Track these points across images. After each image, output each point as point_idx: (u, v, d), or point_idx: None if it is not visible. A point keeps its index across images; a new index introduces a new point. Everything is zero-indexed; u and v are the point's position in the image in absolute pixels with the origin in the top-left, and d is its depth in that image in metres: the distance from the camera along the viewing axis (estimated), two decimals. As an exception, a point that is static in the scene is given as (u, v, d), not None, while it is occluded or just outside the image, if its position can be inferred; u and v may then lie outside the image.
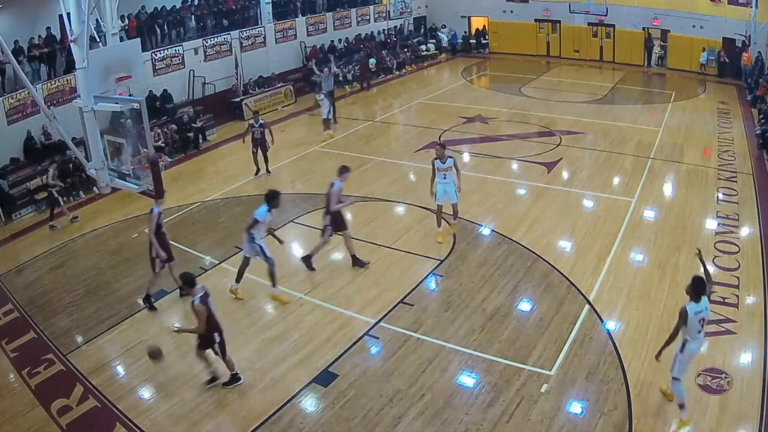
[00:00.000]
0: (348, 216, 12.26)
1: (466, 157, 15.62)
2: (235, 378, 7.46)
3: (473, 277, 9.62)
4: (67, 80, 14.98)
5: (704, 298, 6.17)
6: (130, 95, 12.68)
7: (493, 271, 9.78)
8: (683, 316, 6.14)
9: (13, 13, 14.94)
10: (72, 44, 7.89)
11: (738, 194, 12.27)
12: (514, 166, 14.53)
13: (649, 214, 11.61)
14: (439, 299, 9.17)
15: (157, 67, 17.79)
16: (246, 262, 9.20)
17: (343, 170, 9.93)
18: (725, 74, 22.73)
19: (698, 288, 6.12)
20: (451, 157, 10.38)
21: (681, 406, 6.38)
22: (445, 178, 10.33)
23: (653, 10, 24.42)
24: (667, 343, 6.38)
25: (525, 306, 8.86)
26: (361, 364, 7.76)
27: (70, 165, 13.65)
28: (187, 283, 7.12)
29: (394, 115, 20.00)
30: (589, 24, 26.22)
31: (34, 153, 14.22)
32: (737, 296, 8.70)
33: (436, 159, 10.31)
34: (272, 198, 9.01)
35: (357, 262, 9.98)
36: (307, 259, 10.05)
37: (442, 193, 10.44)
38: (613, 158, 14.68)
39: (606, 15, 25.00)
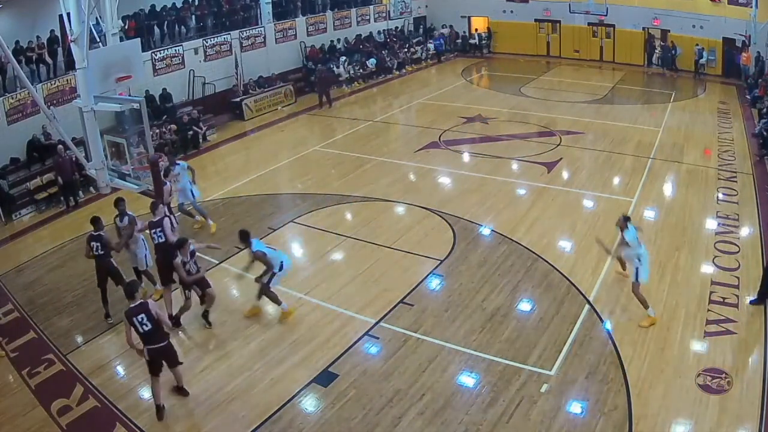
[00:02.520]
0: (348, 216, 12.31)
1: (466, 157, 15.63)
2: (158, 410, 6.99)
3: (473, 277, 9.62)
4: (67, 80, 14.97)
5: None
6: (130, 95, 12.67)
7: (493, 271, 9.78)
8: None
9: (13, 14, 14.94)
10: (72, 44, 7.89)
11: (738, 194, 12.27)
12: (514, 166, 14.53)
13: (649, 214, 11.60)
14: (439, 299, 9.17)
15: (157, 67, 17.79)
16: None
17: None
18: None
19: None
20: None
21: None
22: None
23: (653, 10, 24.42)
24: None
25: (525, 306, 8.86)
26: (361, 364, 7.76)
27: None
28: (128, 294, 6.88)
29: (394, 115, 20.00)
30: (589, 24, 26.21)
31: (37, 152, 14.24)
32: (737, 296, 8.70)
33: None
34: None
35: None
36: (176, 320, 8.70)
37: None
38: (613, 158, 14.67)
39: (606, 15, 25.01)
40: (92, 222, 8.87)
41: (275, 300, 8.71)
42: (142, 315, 6.71)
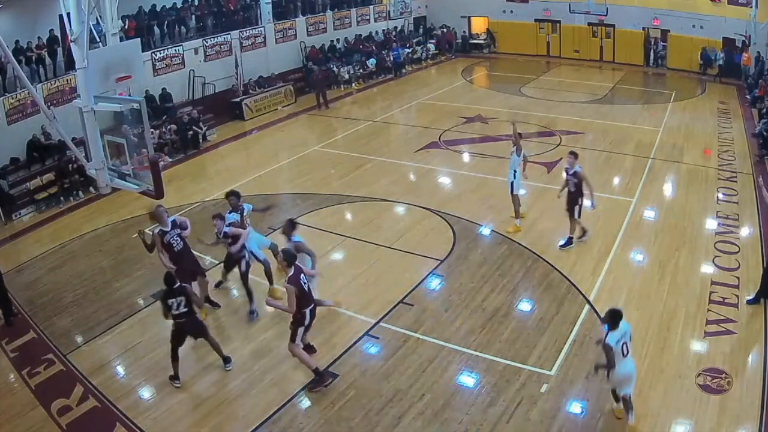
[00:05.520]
0: (348, 216, 12.31)
1: (466, 157, 15.63)
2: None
3: (473, 277, 9.62)
4: (67, 80, 14.98)
5: (623, 324, 6.21)
6: (130, 95, 12.66)
7: (493, 271, 9.78)
8: (606, 348, 6.11)
9: (13, 14, 14.94)
10: (72, 44, 7.88)
11: (738, 194, 12.27)
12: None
13: (649, 214, 11.61)
14: (439, 299, 9.17)
15: (157, 67, 17.79)
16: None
17: None
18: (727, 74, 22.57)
19: (615, 317, 6.18)
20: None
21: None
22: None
23: (653, 10, 24.43)
24: (607, 368, 6.22)
25: (525, 306, 8.86)
26: (361, 364, 7.76)
27: (70, 165, 13.66)
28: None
29: (394, 115, 19.99)
30: (589, 24, 26.20)
31: (37, 152, 14.23)
32: (737, 296, 8.70)
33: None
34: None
35: None
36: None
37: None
38: (613, 158, 14.67)
39: (606, 15, 25.00)
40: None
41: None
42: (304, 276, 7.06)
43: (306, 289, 7.04)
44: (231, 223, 8.74)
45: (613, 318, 6.17)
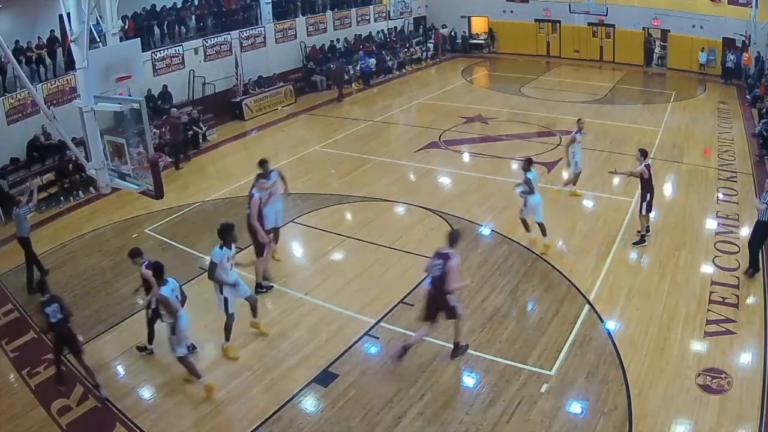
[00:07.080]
0: (348, 216, 12.30)
1: (466, 157, 15.63)
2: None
3: (473, 277, 9.58)
4: (67, 80, 14.98)
5: (533, 172, 9.85)
6: (130, 95, 12.65)
7: (493, 271, 9.78)
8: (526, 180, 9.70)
9: (13, 14, 14.94)
10: (72, 44, 7.88)
11: (738, 194, 12.27)
12: (514, 166, 14.50)
13: (649, 214, 11.57)
14: (439, 299, 9.15)
15: (157, 67, 17.79)
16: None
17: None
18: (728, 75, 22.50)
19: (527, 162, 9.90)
20: None
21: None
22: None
23: (653, 10, 24.46)
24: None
25: (525, 306, 8.86)
26: (361, 364, 7.76)
27: (70, 165, 13.67)
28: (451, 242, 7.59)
29: (394, 115, 20.00)
30: (589, 24, 26.24)
31: (37, 152, 14.22)
32: (737, 296, 8.70)
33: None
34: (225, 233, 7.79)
35: None
36: None
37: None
38: (613, 158, 14.66)
39: (606, 15, 25.03)
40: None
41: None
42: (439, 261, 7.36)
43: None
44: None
45: (527, 163, 9.99)
